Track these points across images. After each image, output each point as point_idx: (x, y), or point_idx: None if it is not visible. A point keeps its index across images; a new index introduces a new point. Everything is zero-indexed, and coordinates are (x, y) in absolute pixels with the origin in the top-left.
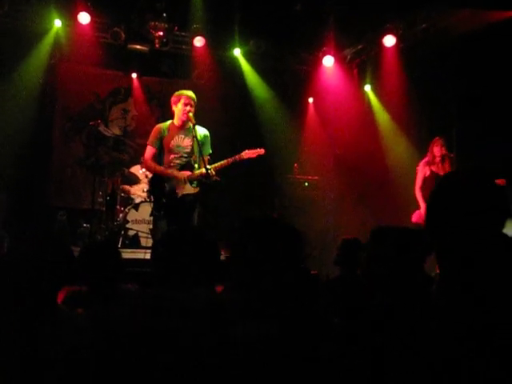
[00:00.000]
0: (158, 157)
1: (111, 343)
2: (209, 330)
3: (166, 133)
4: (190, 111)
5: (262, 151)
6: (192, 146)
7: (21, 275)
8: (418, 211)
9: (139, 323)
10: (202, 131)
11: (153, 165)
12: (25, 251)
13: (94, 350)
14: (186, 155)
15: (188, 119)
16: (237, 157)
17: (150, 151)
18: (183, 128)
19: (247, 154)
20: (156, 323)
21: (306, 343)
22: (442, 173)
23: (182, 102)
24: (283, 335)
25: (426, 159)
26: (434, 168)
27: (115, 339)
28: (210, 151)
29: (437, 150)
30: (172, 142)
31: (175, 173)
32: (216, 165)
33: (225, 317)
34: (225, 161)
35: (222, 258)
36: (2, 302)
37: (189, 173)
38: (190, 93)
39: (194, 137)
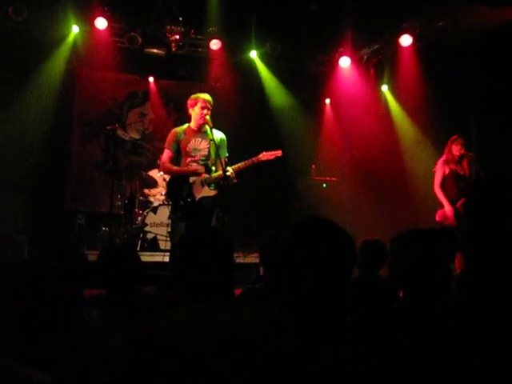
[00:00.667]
0: (176, 160)
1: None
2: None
3: (183, 136)
4: (207, 114)
5: (279, 153)
6: (209, 149)
7: (39, 280)
8: (441, 210)
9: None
10: (218, 135)
11: (170, 166)
12: (42, 257)
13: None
14: (203, 158)
15: (205, 122)
16: (254, 159)
17: (166, 154)
18: (200, 131)
19: (265, 155)
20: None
21: (327, 349)
22: (461, 172)
23: (199, 106)
24: (306, 345)
25: (444, 158)
26: (452, 167)
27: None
28: (227, 154)
29: (456, 149)
30: (189, 145)
31: (193, 167)
32: (234, 167)
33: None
34: (243, 163)
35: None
36: (20, 306)
37: (207, 175)
38: (207, 96)
39: (212, 140)
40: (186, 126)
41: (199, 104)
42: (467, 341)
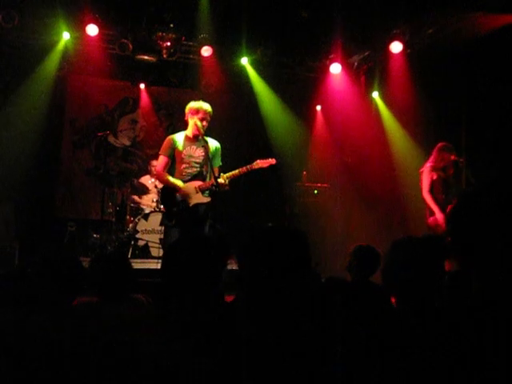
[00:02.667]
0: (171, 167)
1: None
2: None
3: (179, 143)
4: (205, 126)
5: (273, 161)
6: (204, 157)
7: (34, 288)
8: (432, 217)
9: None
10: (213, 144)
11: (165, 176)
12: (37, 265)
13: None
14: (197, 165)
15: (200, 134)
16: (248, 167)
17: (162, 161)
18: (195, 139)
19: (259, 163)
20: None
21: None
22: (448, 178)
23: (200, 117)
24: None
25: (432, 164)
26: (441, 173)
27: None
28: (220, 163)
29: (450, 156)
30: (184, 151)
31: (186, 191)
32: (228, 174)
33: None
34: (237, 170)
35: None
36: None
37: (200, 182)
38: (209, 107)
39: (204, 146)
40: (181, 133)
41: (200, 115)
42: (460, 344)
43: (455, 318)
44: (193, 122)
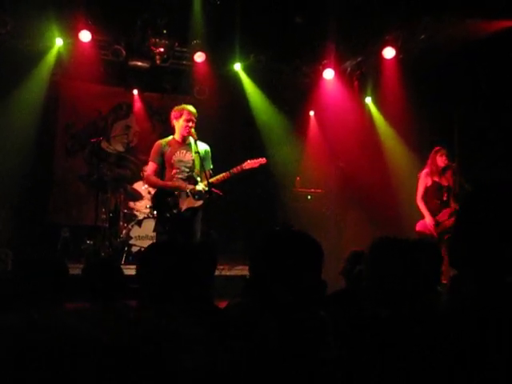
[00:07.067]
0: (160, 172)
1: None
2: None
3: (167, 148)
4: (191, 127)
5: (263, 160)
6: (194, 161)
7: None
8: (422, 221)
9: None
10: (203, 147)
11: (155, 180)
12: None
13: None
14: (187, 169)
15: (190, 135)
16: (238, 167)
17: (151, 167)
18: (184, 143)
19: (249, 164)
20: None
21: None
22: (444, 183)
23: (184, 118)
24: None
25: (427, 170)
26: (436, 178)
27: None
28: (211, 166)
29: (441, 160)
30: (173, 156)
31: (178, 183)
32: (218, 177)
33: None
34: (227, 172)
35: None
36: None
37: (192, 186)
38: (191, 108)
39: (196, 152)
40: (170, 137)
41: (184, 116)
42: (460, 345)
43: (454, 319)
44: (178, 125)
